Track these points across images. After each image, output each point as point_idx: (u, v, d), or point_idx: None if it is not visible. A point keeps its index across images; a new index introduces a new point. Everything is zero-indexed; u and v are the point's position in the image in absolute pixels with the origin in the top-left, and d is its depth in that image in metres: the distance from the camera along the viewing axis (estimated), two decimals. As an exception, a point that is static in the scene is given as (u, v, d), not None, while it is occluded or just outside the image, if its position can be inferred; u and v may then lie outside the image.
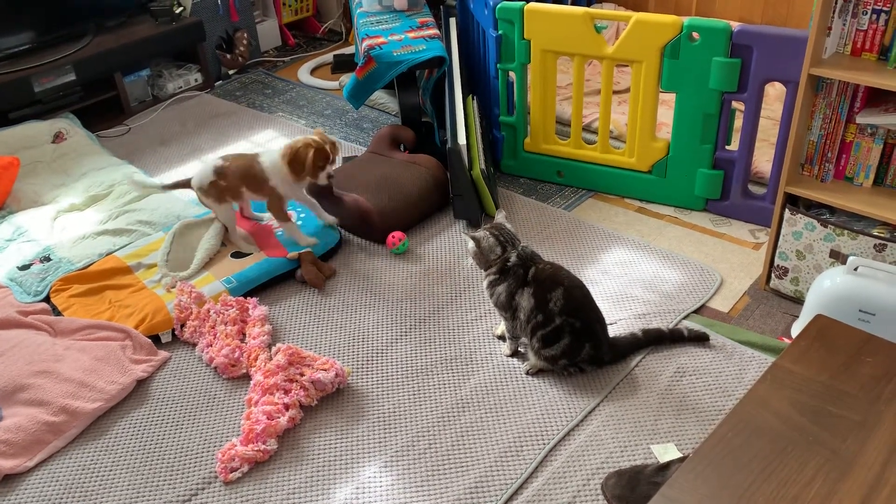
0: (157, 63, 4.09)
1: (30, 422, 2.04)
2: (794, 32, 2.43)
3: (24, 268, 2.65)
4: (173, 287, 2.51)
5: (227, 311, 2.37)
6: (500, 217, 2.22)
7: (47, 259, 2.68)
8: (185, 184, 2.70)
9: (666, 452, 1.93)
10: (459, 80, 3.08)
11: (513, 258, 2.12)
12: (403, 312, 2.46)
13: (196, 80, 4.10)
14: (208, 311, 2.38)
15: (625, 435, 2.00)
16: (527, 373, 2.20)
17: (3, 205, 3.04)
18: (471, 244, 2.15)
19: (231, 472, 1.93)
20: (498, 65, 2.96)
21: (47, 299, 2.53)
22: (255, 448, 1.96)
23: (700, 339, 2.26)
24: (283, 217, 2.68)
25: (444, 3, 3.75)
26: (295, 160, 2.52)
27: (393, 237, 2.69)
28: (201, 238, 2.68)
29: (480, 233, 2.15)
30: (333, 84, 4.09)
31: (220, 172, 2.62)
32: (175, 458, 2.01)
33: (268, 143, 3.56)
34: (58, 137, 3.45)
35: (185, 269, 2.58)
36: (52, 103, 3.60)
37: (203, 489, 1.91)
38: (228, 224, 2.71)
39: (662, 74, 2.66)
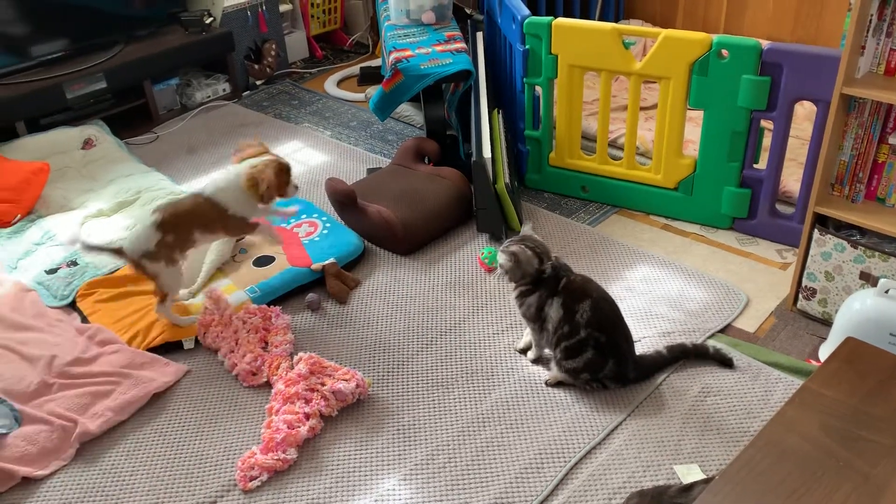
0: (186, 72, 4.14)
1: (49, 427, 2.05)
2: (825, 51, 2.41)
3: (52, 272, 2.68)
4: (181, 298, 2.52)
5: (250, 318, 2.38)
6: (527, 229, 2.20)
7: (74, 263, 2.71)
8: (115, 251, 2.31)
9: (689, 473, 1.90)
10: (485, 93, 3.09)
11: (548, 269, 2.10)
12: (425, 324, 2.45)
13: (224, 90, 4.15)
14: (231, 317, 2.39)
15: (648, 454, 1.97)
16: (546, 383, 2.18)
17: (32, 209, 3.09)
18: (503, 258, 2.11)
19: (250, 481, 1.93)
20: (524, 79, 2.96)
21: (73, 304, 2.56)
22: (275, 457, 1.95)
23: (725, 363, 2.23)
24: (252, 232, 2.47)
25: (471, 18, 3.77)
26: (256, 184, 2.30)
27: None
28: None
29: (515, 247, 2.11)
30: (359, 96, 4.12)
31: (162, 225, 2.29)
32: (195, 464, 2.01)
33: (293, 153, 3.59)
34: (87, 144, 3.50)
35: (192, 284, 2.59)
36: (83, 110, 3.66)
37: (222, 497, 1.91)
38: (173, 288, 2.39)
39: (690, 91, 2.64)
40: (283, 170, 2.34)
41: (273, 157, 2.36)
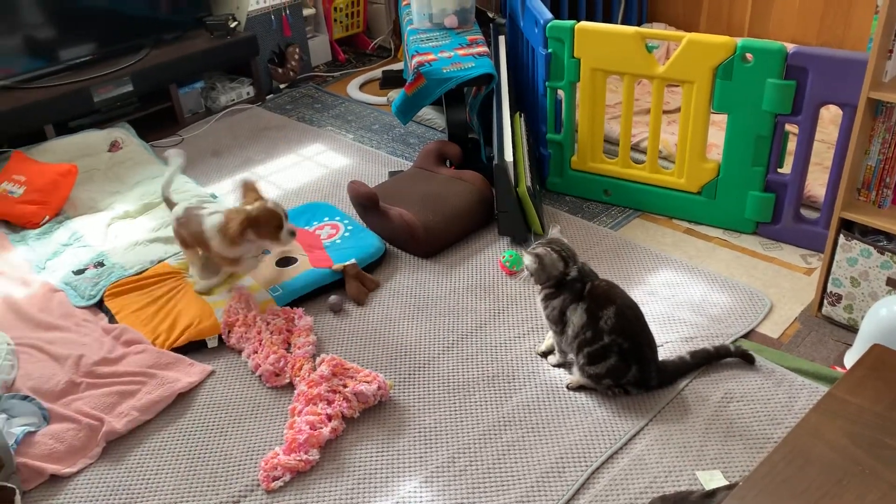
0: (210, 76, 4.19)
1: (77, 426, 2.08)
2: (851, 55, 2.38)
3: (79, 272, 2.72)
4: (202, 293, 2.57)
5: (273, 320, 2.40)
6: (555, 232, 2.20)
7: (101, 264, 2.75)
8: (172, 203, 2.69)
9: (712, 479, 1.89)
10: (507, 97, 3.09)
11: (573, 272, 2.10)
12: (446, 327, 2.46)
13: (248, 94, 4.19)
14: (255, 318, 2.41)
15: (670, 460, 1.96)
16: (568, 387, 2.18)
17: (60, 210, 3.14)
18: (529, 260, 2.11)
19: (273, 481, 1.94)
20: (547, 83, 2.96)
21: (100, 304, 2.59)
22: (298, 458, 1.97)
23: (746, 359, 2.22)
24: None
25: (493, 21, 3.77)
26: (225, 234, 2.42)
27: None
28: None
29: (540, 249, 2.12)
30: (381, 99, 4.14)
31: (181, 222, 2.56)
32: (219, 464, 2.03)
33: (316, 156, 3.61)
34: (114, 146, 3.55)
35: (213, 277, 2.62)
36: (110, 113, 3.72)
37: (245, 496, 1.93)
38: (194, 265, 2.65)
39: (714, 95, 2.63)
40: (257, 221, 2.37)
41: (255, 205, 2.39)
